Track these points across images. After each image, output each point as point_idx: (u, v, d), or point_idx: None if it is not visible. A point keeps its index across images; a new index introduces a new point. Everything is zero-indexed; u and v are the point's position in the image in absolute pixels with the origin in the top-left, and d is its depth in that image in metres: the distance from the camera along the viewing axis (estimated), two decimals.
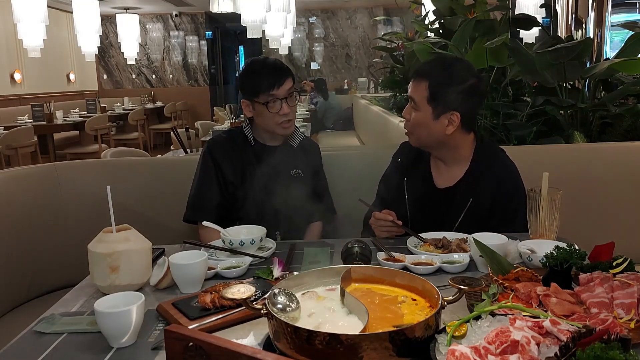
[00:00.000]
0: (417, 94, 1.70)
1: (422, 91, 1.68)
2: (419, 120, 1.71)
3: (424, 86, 1.68)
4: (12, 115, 7.48)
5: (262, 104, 1.86)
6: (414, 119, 1.72)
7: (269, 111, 1.86)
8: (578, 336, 0.81)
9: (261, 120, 1.92)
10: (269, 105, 1.85)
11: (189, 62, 11.43)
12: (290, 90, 1.88)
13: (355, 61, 11.48)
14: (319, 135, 7.84)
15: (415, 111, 1.71)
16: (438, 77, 1.68)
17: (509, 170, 1.79)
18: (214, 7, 5.60)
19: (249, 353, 0.79)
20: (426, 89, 1.67)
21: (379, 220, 1.70)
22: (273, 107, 1.86)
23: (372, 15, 11.14)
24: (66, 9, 9.03)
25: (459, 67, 1.72)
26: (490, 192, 1.73)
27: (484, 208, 1.72)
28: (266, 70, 1.87)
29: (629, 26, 3.01)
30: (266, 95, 1.85)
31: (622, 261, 1.17)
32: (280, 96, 1.86)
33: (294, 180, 1.95)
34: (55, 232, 2.06)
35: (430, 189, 1.82)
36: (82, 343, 1.07)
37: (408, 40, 5.10)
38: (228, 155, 1.94)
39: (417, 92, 1.70)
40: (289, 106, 1.89)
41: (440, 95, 1.67)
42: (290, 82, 1.89)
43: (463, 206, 1.74)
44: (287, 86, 1.87)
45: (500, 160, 1.80)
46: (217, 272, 1.42)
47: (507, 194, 1.73)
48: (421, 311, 1.03)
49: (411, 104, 1.73)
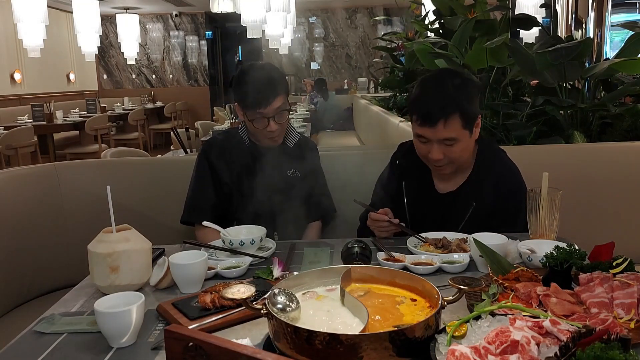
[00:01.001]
0: (452, 131, 1.61)
1: (456, 124, 1.61)
2: (462, 148, 1.65)
3: (456, 119, 1.60)
4: (12, 115, 7.49)
5: (249, 120, 1.83)
6: (455, 152, 1.65)
7: (255, 127, 1.84)
8: (578, 336, 0.81)
9: (251, 130, 1.91)
10: (255, 122, 1.82)
11: (189, 62, 11.43)
12: (279, 108, 1.81)
13: (355, 61, 11.48)
14: (319, 135, 7.84)
15: (456, 144, 1.63)
16: (460, 100, 1.60)
17: (511, 171, 1.78)
18: (214, 7, 5.60)
19: (249, 353, 0.79)
20: (459, 119, 1.60)
21: (376, 222, 1.69)
22: (259, 124, 1.82)
23: (372, 15, 11.14)
24: (66, 9, 9.03)
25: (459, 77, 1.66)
26: (494, 195, 1.72)
27: (487, 211, 1.71)
28: (256, 85, 1.78)
29: (629, 26, 3.00)
30: (253, 112, 1.80)
31: (622, 261, 1.17)
32: (267, 115, 1.80)
33: (291, 181, 1.95)
34: (55, 232, 2.06)
35: (431, 194, 1.80)
36: (82, 343, 1.07)
37: (408, 40, 5.10)
38: (223, 157, 1.94)
39: (451, 129, 1.61)
40: (277, 123, 1.83)
41: (470, 113, 1.62)
42: (281, 100, 1.81)
43: (466, 210, 1.72)
44: (277, 104, 1.80)
45: (502, 161, 1.80)
46: (217, 272, 1.42)
47: (511, 195, 1.71)
48: (421, 311, 1.03)
49: (445, 143, 1.63)
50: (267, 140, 1.90)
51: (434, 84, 1.67)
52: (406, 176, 1.84)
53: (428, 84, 1.68)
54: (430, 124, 1.61)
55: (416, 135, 1.70)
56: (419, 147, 1.71)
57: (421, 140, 1.68)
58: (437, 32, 4.06)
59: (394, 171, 1.89)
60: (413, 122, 1.69)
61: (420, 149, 1.71)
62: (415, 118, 1.66)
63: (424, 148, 1.69)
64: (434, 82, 1.68)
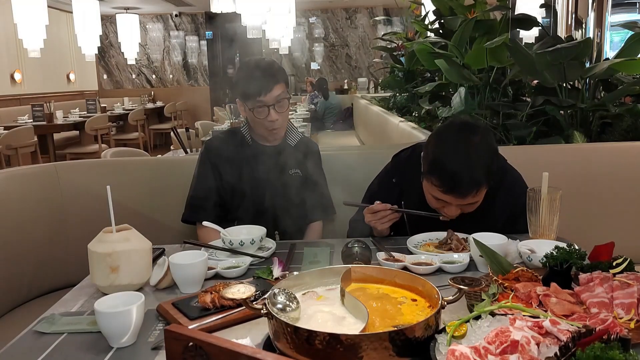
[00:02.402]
0: (478, 197, 1.55)
1: (483, 191, 1.55)
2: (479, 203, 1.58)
3: (484, 187, 1.54)
4: (12, 115, 7.49)
5: (250, 109, 1.85)
6: (475, 207, 1.58)
7: (256, 117, 1.85)
8: (578, 336, 0.81)
9: (252, 124, 1.92)
10: (256, 111, 1.83)
11: (189, 62, 11.43)
12: (279, 96, 1.83)
13: (355, 61, 11.48)
14: (319, 135, 7.84)
15: (476, 204, 1.57)
16: (491, 169, 1.53)
17: (515, 178, 1.74)
18: (214, 7, 5.60)
19: (249, 353, 0.79)
20: (486, 186, 1.54)
21: (377, 213, 1.63)
22: (260, 113, 1.83)
23: (372, 15, 11.14)
24: (66, 9, 9.03)
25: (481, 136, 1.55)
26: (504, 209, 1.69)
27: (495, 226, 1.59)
28: (256, 74, 1.81)
29: (629, 26, 3.00)
30: (254, 101, 1.82)
31: (622, 261, 1.17)
32: (268, 103, 1.81)
33: (292, 180, 1.95)
34: (56, 232, 2.06)
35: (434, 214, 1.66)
36: (82, 343, 1.07)
37: (408, 40, 5.10)
38: (225, 155, 1.94)
39: (479, 196, 1.54)
40: (278, 113, 1.84)
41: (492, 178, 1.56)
42: (281, 88, 1.83)
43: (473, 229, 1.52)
44: (276, 92, 1.82)
45: (509, 174, 1.75)
46: (217, 272, 1.42)
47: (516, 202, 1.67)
48: (421, 311, 1.03)
49: (466, 205, 1.57)
50: (269, 133, 1.90)
51: (460, 148, 1.52)
52: (405, 195, 1.76)
53: (451, 146, 1.53)
54: (458, 195, 1.52)
55: (433, 195, 1.58)
56: (431, 202, 1.61)
57: (439, 203, 1.59)
58: (437, 32, 4.06)
59: (390, 189, 1.79)
60: (432, 184, 1.55)
61: (434, 204, 1.61)
62: (437, 184, 1.52)
63: (437, 204, 1.60)
64: (459, 145, 1.52)
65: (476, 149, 1.52)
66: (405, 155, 1.85)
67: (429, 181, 1.57)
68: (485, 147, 1.54)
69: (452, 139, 1.56)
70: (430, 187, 1.58)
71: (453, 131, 1.61)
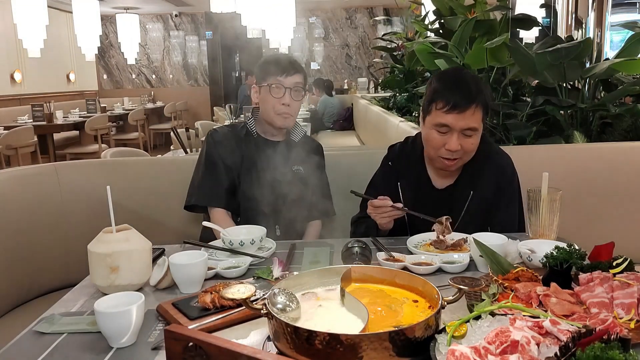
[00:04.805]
0: (477, 120, 1.64)
1: (480, 114, 1.65)
2: (477, 141, 1.68)
3: (481, 108, 1.64)
4: (12, 115, 7.48)
5: (267, 85, 1.89)
6: (472, 144, 1.67)
7: (272, 95, 1.88)
8: (578, 336, 0.81)
9: (264, 108, 1.94)
10: (272, 88, 1.88)
11: (189, 62, 11.43)
12: (298, 84, 1.91)
13: (355, 61, 11.48)
14: (319, 135, 7.84)
15: (474, 136, 1.66)
16: (485, 92, 1.67)
17: (504, 157, 1.81)
18: (213, 7, 5.60)
19: (249, 353, 0.79)
20: (482, 109, 1.65)
21: (378, 208, 1.67)
22: (276, 91, 1.88)
23: (372, 15, 11.14)
24: (66, 9, 9.03)
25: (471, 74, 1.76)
26: (492, 183, 1.75)
27: (486, 199, 1.74)
28: (281, 59, 1.92)
29: (629, 26, 3.00)
30: (273, 79, 1.89)
31: (622, 261, 1.17)
32: (286, 84, 1.88)
33: (294, 176, 1.95)
34: (55, 232, 2.06)
35: (429, 190, 1.81)
36: (82, 343, 1.07)
37: (408, 40, 5.10)
38: (230, 145, 1.96)
39: (477, 118, 1.64)
40: (292, 99, 1.90)
41: (488, 107, 1.69)
42: (300, 77, 1.92)
43: (465, 201, 1.75)
44: (295, 79, 1.90)
45: (496, 150, 1.83)
46: (217, 272, 1.42)
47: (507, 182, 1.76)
48: (422, 312, 1.03)
49: (465, 133, 1.65)
50: (277, 118, 1.92)
51: (460, 76, 1.71)
52: (401, 176, 1.85)
53: (451, 77, 1.72)
54: (460, 110, 1.61)
55: (437, 125, 1.66)
56: (434, 139, 1.68)
57: (440, 131, 1.66)
58: (437, 32, 4.06)
59: (388, 173, 1.88)
60: (435, 112, 1.66)
61: (436, 142, 1.68)
62: (441, 106, 1.64)
63: (440, 140, 1.67)
64: (458, 75, 1.74)
65: (470, 74, 1.76)
66: (399, 144, 1.96)
67: (431, 110, 1.68)
68: (478, 78, 1.76)
69: (449, 70, 1.97)
70: (432, 118, 1.68)
71: (450, 70, 1.98)
